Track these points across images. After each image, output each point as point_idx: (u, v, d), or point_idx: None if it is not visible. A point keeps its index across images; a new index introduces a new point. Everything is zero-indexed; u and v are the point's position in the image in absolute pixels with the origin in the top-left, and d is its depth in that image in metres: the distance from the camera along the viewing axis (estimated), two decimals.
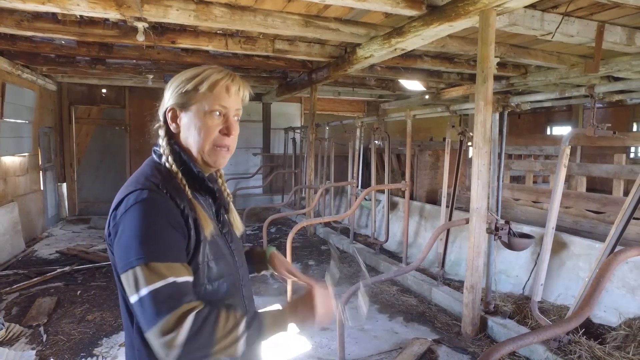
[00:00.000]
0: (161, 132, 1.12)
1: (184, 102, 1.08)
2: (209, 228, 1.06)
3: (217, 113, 1.08)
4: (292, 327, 1.02)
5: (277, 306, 1.04)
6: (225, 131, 1.09)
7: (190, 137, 1.09)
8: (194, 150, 1.09)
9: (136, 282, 0.90)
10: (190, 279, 0.95)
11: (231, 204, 1.27)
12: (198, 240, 1.02)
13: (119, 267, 0.95)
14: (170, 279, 0.90)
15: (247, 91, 1.14)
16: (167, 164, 1.08)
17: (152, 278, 0.89)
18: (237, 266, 1.17)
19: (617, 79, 6.01)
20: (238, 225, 1.27)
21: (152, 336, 0.88)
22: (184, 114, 1.09)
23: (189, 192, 1.07)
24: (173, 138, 1.12)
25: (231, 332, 0.91)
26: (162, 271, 0.90)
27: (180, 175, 1.07)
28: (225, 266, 1.10)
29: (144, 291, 0.89)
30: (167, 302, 0.88)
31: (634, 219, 3.52)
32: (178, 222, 0.98)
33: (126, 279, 0.92)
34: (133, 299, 0.91)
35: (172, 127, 1.11)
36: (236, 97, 1.10)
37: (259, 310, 1.02)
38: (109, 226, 1.01)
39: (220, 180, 1.26)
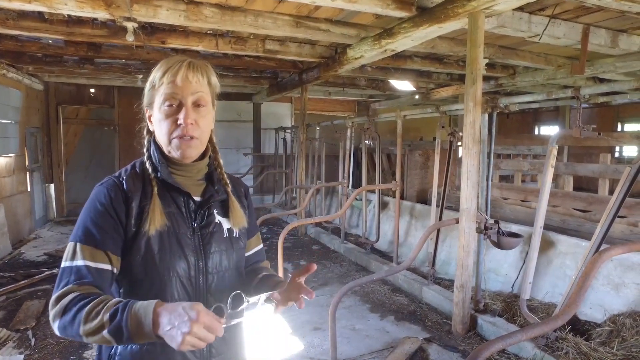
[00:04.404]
0: (144, 132, 1.18)
1: (149, 100, 1.11)
2: (154, 224, 1.04)
3: (169, 103, 1.05)
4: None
5: (152, 302, 0.88)
6: (180, 120, 1.03)
7: (157, 133, 1.11)
8: (163, 145, 1.10)
9: (65, 255, 1.01)
10: (103, 266, 1.00)
11: (233, 202, 1.20)
12: (138, 232, 1.04)
13: None
14: (82, 262, 0.98)
15: (205, 72, 1.09)
16: (146, 163, 1.13)
17: (70, 256, 0.99)
18: (200, 269, 1.09)
19: (602, 80, 6.13)
20: (238, 222, 1.20)
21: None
22: (152, 111, 1.11)
23: (155, 188, 1.08)
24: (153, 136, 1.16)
25: (94, 320, 0.88)
26: (80, 253, 0.99)
27: (152, 175, 1.10)
28: (173, 263, 1.05)
29: (62, 265, 1.00)
30: (64, 281, 0.97)
31: (619, 217, 3.60)
32: (115, 210, 1.03)
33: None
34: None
35: (150, 126, 1.15)
36: (186, 82, 1.04)
37: (134, 303, 0.89)
38: None
39: (222, 179, 1.21)
